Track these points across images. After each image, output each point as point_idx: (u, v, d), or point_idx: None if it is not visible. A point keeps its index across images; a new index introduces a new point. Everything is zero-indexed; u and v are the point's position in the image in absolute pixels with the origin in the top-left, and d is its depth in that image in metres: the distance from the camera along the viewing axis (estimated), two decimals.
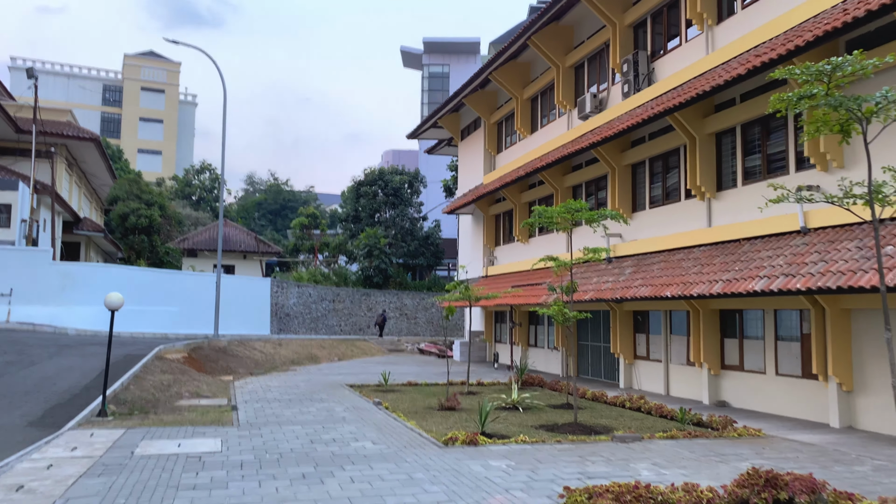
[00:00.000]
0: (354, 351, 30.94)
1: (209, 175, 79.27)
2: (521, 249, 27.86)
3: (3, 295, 25.12)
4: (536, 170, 23.35)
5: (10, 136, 36.12)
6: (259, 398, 15.32)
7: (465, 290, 15.29)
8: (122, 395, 14.15)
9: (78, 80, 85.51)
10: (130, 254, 38.23)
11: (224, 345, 22.83)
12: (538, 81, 26.72)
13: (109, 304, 12.24)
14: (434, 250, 49.86)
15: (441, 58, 68.34)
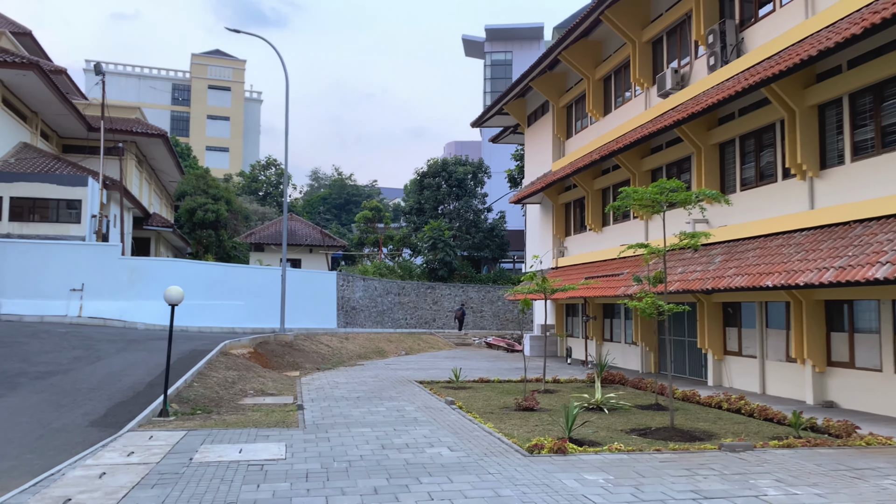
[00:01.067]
0: (421, 345, 30.16)
1: (275, 170, 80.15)
2: (593, 239, 26.47)
3: (74, 290, 25.32)
4: (612, 153, 21.94)
5: (82, 133, 36.79)
6: (326, 396, 14.59)
7: (541, 282, 14.17)
8: (186, 392, 13.62)
9: (148, 81, 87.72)
10: (199, 248, 38.49)
11: (290, 339, 22.33)
12: (611, 60, 25.23)
13: (169, 299, 11.66)
14: (499, 242, 48.74)
15: (503, 45, 66.89)
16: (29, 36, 39.33)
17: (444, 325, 43.31)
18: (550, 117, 30.64)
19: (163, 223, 39.76)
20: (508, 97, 32.55)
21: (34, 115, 33.96)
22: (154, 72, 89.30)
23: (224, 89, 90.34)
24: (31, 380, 14.32)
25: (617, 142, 22.40)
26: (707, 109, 16.85)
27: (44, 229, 26.83)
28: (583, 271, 25.61)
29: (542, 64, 27.95)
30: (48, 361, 16.25)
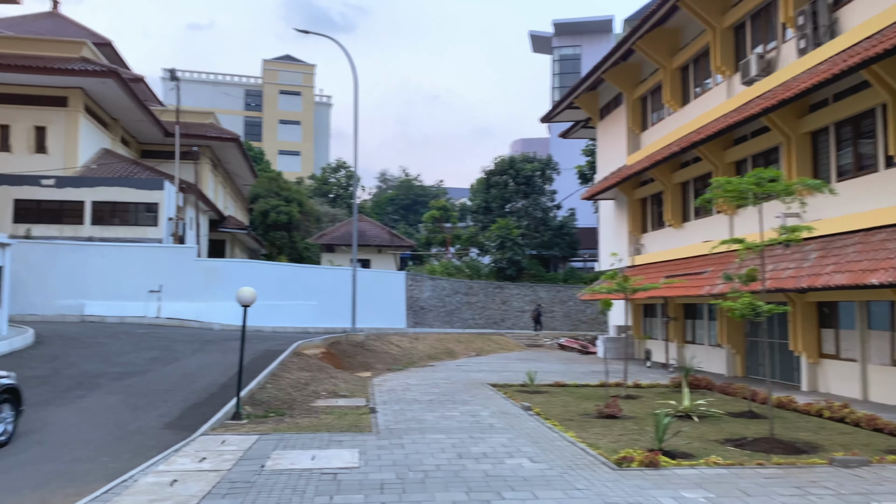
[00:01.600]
0: (491, 346, 29.62)
1: (344, 173, 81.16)
2: (673, 235, 25.32)
3: (153, 291, 25.93)
4: (692, 144, 20.85)
5: (160, 139, 37.91)
6: (398, 398, 14.24)
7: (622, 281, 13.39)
8: (259, 394, 13.52)
9: (222, 88, 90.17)
10: (272, 250, 39.10)
11: (361, 339, 22.18)
12: (689, 48, 24.07)
13: (242, 300, 11.51)
14: (569, 240, 47.68)
15: (572, 39, 65.63)
16: (109, 46, 40.79)
17: (513, 325, 42.63)
18: (624, 110, 29.57)
19: (237, 225, 40.56)
20: (579, 90, 31.63)
21: (114, 122, 35.15)
22: (227, 78, 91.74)
23: (295, 94, 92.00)
24: (110, 380, 14.52)
25: (698, 133, 21.28)
26: (799, 95, 15.69)
27: (123, 232, 27.62)
28: (661, 270, 24.53)
29: (615, 55, 26.97)
30: (127, 362, 16.52)
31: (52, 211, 27.26)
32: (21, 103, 29.69)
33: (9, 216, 26.79)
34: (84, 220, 27.30)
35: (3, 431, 9.91)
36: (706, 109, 22.82)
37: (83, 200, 27.31)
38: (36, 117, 29.64)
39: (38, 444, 10.00)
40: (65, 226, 27.23)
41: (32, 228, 26.85)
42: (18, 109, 29.55)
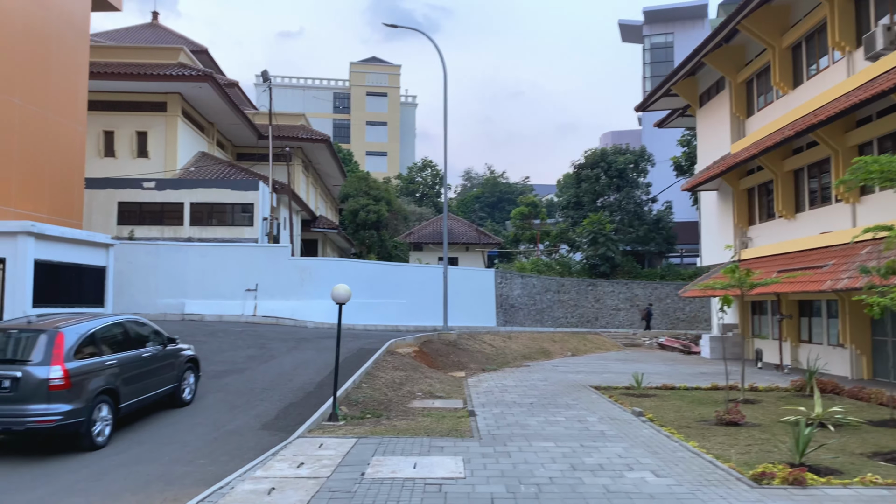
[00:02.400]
0: (587, 345, 28.52)
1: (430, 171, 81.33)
2: (784, 227, 23.54)
3: (249, 290, 26.32)
4: (809, 128, 19.17)
5: (253, 141, 38.77)
6: (496, 401, 13.58)
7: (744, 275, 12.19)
8: (354, 394, 13.16)
9: (312, 91, 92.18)
10: (362, 249, 39.30)
11: (454, 338, 21.67)
12: (802, 24, 22.26)
13: (336, 297, 11.14)
14: (665, 235, 45.64)
15: (664, 27, 63.12)
16: (205, 53, 42.08)
17: (607, 323, 41.20)
18: (727, 95, 27.82)
19: (328, 225, 41.01)
20: (677, 76, 30.01)
21: (210, 126, 36.13)
22: (316, 82, 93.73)
23: (381, 95, 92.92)
24: (208, 379, 14.53)
25: (815, 115, 19.57)
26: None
27: (220, 232, 28.22)
28: (773, 264, 22.82)
29: (717, 37, 25.33)
30: (225, 360, 16.59)
31: (153, 213, 28.19)
32: (124, 110, 30.86)
33: (114, 218, 27.87)
34: (183, 221, 28.09)
35: (190, 392, 12.77)
36: (822, 90, 21.04)
37: (182, 202, 28.10)
38: (137, 123, 30.75)
39: (138, 444, 9.93)
40: (165, 227, 28.10)
41: (135, 230, 27.83)
42: (121, 116, 30.73)
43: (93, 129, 30.59)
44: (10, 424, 9.00)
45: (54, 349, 9.38)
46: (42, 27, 17.84)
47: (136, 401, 10.82)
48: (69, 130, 19.24)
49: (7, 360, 9.40)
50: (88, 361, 9.81)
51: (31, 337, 9.63)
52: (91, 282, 17.74)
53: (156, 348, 11.77)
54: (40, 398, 9.05)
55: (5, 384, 9.08)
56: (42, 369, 9.19)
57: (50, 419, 9.02)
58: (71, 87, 19.34)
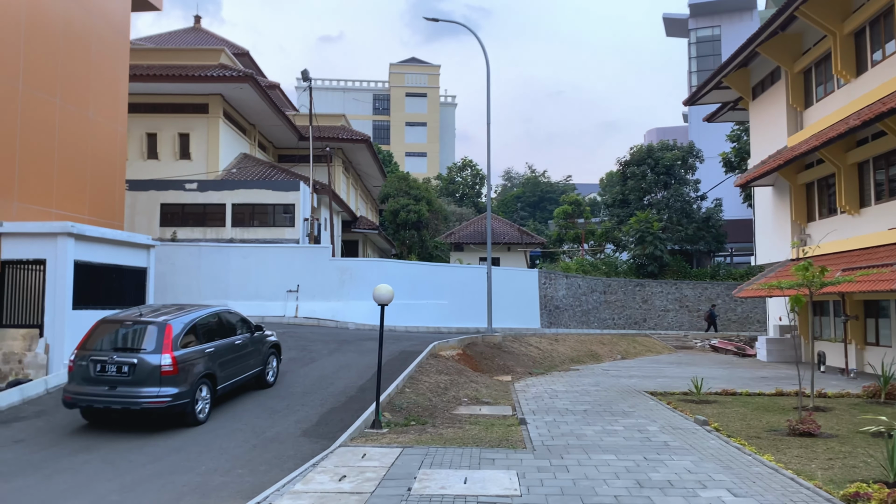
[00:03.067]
0: (637, 348, 27.53)
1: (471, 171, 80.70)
2: (848, 223, 22.25)
3: (290, 291, 26.04)
4: (878, 116, 17.97)
5: (294, 143, 38.69)
6: (547, 407, 12.86)
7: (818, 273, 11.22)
8: (397, 399, 12.59)
9: (352, 94, 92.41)
10: (402, 249, 38.86)
11: (498, 340, 20.98)
12: (865, 8, 20.99)
13: (378, 298, 10.59)
14: (715, 234, 44.12)
15: (710, 20, 61.39)
16: (247, 56, 42.19)
17: (655, 325, 39.98)
18: (783, 86, 26.55)
19: (369, 226, 40.70)
20: (728, 68, 28.81)
21: (252, 128, 36.12)
22: (356, 84, 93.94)
23: (420, 96, 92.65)
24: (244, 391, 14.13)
25: (883, 103, 18.36)
26: None
27: (262, 233, 28.03)
28: (835, 262, 21.58)
29: (773, 25, 24.16)
30: None
31: (195, 214, 28.13)
32: (166, 112, 30.96)
33: (156, 220, 27.90)
34: (225, 223, 27.98)
35: (273, 374, 14.07)
36: (889, 77, 19.79)
37: (224, 203, 27.99)
38: (179, 125, 30.80)
39: (175, 451, 9.52)
40: (207, 228, 28.02)
41: (178, 231, 27.82)
42: (164, 118, 30.83)
43: (136, 132, 30.78)
44: (129, 404, 10.44)
45: (164, 339, 10.75)
46: (82, 27, 17.75)
47: (229, 383, 12.25)
48: (110, 131, 19.14)
49: (125, 349, 10.81)
50: (192, 349, 11.17)
51: (144, 328, 10.96)
52: (132, 283, 17.57)
53: (245, 336, 13.13)
54: (153, 382, 10.50)
55: (124, 370, 10.59)
56: (154, 357, 10.60)
57: (161, 400, 10.45)
58: (111, 88, 19.25)
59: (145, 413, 10.78)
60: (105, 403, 10.47)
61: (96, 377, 10.61)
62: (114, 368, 10.57)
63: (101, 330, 11.15)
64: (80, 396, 10.59)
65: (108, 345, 10.88)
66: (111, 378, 10.55)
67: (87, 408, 10.84)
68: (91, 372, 10.64)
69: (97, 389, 10.53)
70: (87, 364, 10.71)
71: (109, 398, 10.44)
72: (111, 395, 10.46)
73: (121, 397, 10.41)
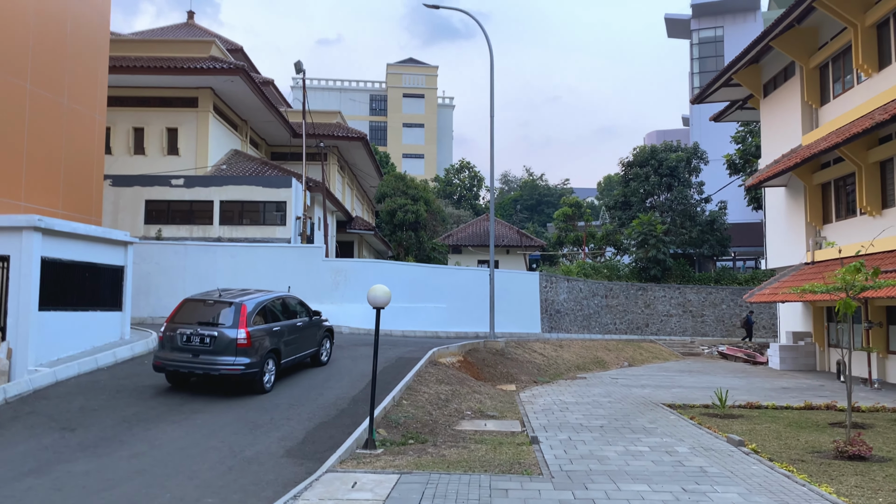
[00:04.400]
0: (643, 354, 26.34)
1: (468, 173, 79.55)
2: (869, 225, 21.12)
3: None
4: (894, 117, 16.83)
5: (288, 140, 37.44)
6: (559, 422, 11.64)
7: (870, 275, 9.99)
8: (394, 413, 11.36)
9: (348, 94, 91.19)
10: (399, 250, 37.58)
11: (501, 346, 19.76)
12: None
13: (374, 300, 9.37)
14: (719, 237, 42.94)
15: (713, 20, 60.42)
16: (240, 52, 40.95)
17: (658, 330, 38.83)
18: (798, 82, 25.43)
19: (365, 226, 39.45)
20: (739, 64, 27.69)
21: (244, 123, 34.87)
22: (353, 84, 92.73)
23: (418, 97, 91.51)
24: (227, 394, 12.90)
25: None
26: None
27: (251, 232, 26.76)
28: None
29: (788, 17, 23.05)
30: None
31: (181, 211, 26.84)
32: (154, 105, 29.71)
33: (141, 217, 26.59)
34: (213, 220, 26.68)
35: (326, 355, 15.69)
36: None
37: (212, 200, 26.69)
38: (168, 119, 29.54)
39: (138, 474, 8.25)
40: (194, 226, 26.72)
41: (163, 229, 26.52)
42: (151, 112, 29.57)
43: (122, 126, 29.51)
44: (209, 370, 12.11)
45: (240, 316, 12.33)
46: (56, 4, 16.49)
47: (291, 359, 13.85)
48: (87, 120, 17.87)
49: (207, 323, 12.40)
50: (261, 327, 12.74)
51: (223, 307, 12.54)
52: (107, 282, 16.29)
53: (304, 319, 14.62)
54: (230, 352, 12.11)
55: (206, 341, 12.21)
56: (232, 331, 12.19)
57: (236, 368, 12.09)
58: (89, 73, 17.97)
59: (222, 378, 12.49)
60: (189, 368, 12.19)
61: (182, 346, 12.27)
62: (197, 339, 12.23)
63: (187, 307, 12.79)
64: (168, 362, 12.32)
65: (192, 319, 12.51)
66: (195, 347, 12.22)
67: (174, 372, 12.50)
68: (178, 342, 12.29)
69: (183, 356, 12.22)
70: (175, 335, 12.35)
71: (193, 364, 12.16)
72: (194, 361, 12.17)
73: (202, 364, 12.10)
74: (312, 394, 12.81)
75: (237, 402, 12.03)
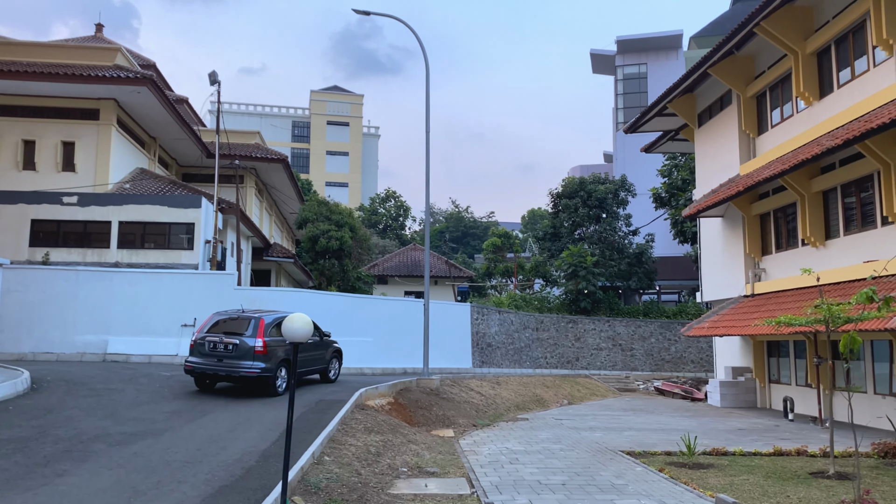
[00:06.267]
0: (581, 391, 24.96)
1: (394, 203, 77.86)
2: (812, 256, 20.54)
3: (186, 326, 22.11)
4: (858, 137, 16.21)
5: (202, 161, 34.76)
6: (513, 479, 9.83)
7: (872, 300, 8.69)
8: (314, 473, 9.27)
9: (270, 119, 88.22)
10: (321, 280, 35.20)
11: (435, 385, 17.84)
12: (831, 26, 19.63)
13: (291, 334, 7.38)
14: (646, 270, 42.60)
15: (637, 57, 61.48)
16: (153, 67, 38.10)
17: (588, 364, 37.85)
18: (734, 111, 25.09)
19: (284, 254, 36.95)
20: (674, 93, 27.28)
21: (152, 141, 32.08)
22: (275, 110, 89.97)
23: (343, 124, 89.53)
24: (110, 446, 10.48)
25: (864, 122, 16.66)
26: None
27: (154, 257, 24.01)
28: (798, 299, 19.73)
29: (729, 43, 22.61)
30: (139, 418, 12.49)
31: (74, 233, 23.81)
32: (48, 116, 26.71)
33: (25, 238, 23.44)
34: (110, 244, 23.77)
35: (334, 373, 17.94)
36: (861, 97, 18.32)
37: (110, 220, 23.81)
38: (64, 132, 26.57)
39: None
40: (88, 249, 23.74)
41: (52, 253, 23.44)
42: (45, 123, 26.55)
43: (9, 138, 26.36)
44: (231, 372, 14.39)
45: (259, 328, 14.56)
46: None
47: (302, 371, 16.18)
48: None
49: (231, 333, 14.65)
50: (276, 338, 14.78)
51: (245, 320, 14.89)
52: None
53: (315, 339, 16.66)
54: (249, 357, 14.33)
55: (230, 347, 14.45)
56: (251, 340, 14.41)
57: (254, 371, 14.31)
58: None
59: (242, 380, 14.69)
60: (214, 371, 14.49)
61: (209, 352, 14.61)
62: (222, 346, 14.53)
63: (215, 320, 15.29)
64: (197, 365, 14.61)
65: (219, 330, 14.92)
66: (220, 353, 14.53)
67: (201, 374, 14.79)
68: (206, 349, 14.66)
69: (209, 361, 14.53)
70: (204, 343, 14.70)
71: (217, 367, 14.44)
72: (219, 365, 14.45)
73: (226, 367, 14.40)
74: (214, 447, 10.55)
75: (121, 459, 9.64)
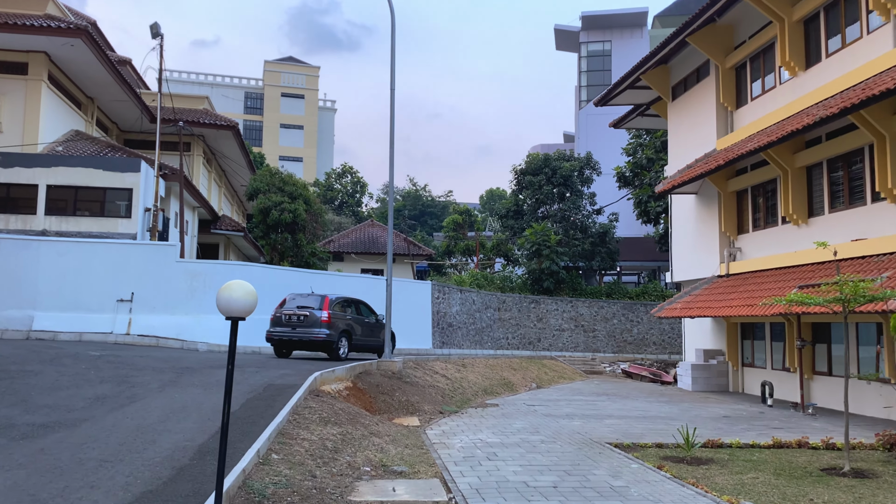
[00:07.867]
0: (549, 374, 23.80)
1: (351, 178, 75.68)
2: (793, 235, 19.65)
3: (122, 301, 20.13)
4: (851, 107, 15.15)
5: (145, 126, 32.37)
6: (495, 480, 8.44)
7: None
8: (258, 476, 7.70)
9: (221, 89, 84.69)
10: (273, 255, 33.25)
11: (398, 368, 16.34)
12: None
13: (227, 307, 5.77)
14: (609, 250, 41.71)
15: (601, 34, 60.40)
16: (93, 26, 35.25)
17: (550, 345, 36.88)
18: (712, 84, 24.01)
19: (233, 227, 34.85)
20: (648, 64, 26.10)
21: (90, 102, 29.57)
22: (227, 80, 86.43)
23: (298, 97, 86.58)
24: (12, 440, 8.70)
25: (859, 91, 15.61)
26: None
27: (86, 225, 21.85)
28: (779, 279, 18.84)
29: (708, 11, 21.45)
30: (55, 405, 10.69)
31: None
32: None
33: None
34: (37, 210, 21.52)
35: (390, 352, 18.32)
36: (852, 67, 17.32)
37: (36, 184, 21.54)
38: None
39: None
40: (11, 216, 21.43)
41: None
42: None
43: None
44: (303, 337, 17.80)
45: (324, 303, 17.97)
46: None
47: (359, 342, 19.16)
48: None
49: (303, 307, 17.97)
50: (338, 313, 18.30)
51: (314, 297, 18.25)
52: None
53: (371, 319, 19.90)
54: (318, 325, 17.74)
55: (302, 318, 17.84)
56: (319, 312, 17.80)
57: (321, 336, 17.68)
58: None
59: (311, 344, 17.82)
60: (289, 337, 17.81)
61: (286, 322, 17.90)
62: (296, 318, 17.76)
63: (290, 297, 18.40)
64: (276, 334, 17.95)
65: (293, 305, 18.02)
66: (294, 323, 17.77)
67: (279, 341, 18.09)
68: (283, 320, 17.95)
69: (285, 330, 17.83)
70: (281, 315, 17.96)
71: (292, 334, 17.76)
72: (293, 333, 17.75)
73: (298, 334, 17.71)
74: (140, 441, 8.86)
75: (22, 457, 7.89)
